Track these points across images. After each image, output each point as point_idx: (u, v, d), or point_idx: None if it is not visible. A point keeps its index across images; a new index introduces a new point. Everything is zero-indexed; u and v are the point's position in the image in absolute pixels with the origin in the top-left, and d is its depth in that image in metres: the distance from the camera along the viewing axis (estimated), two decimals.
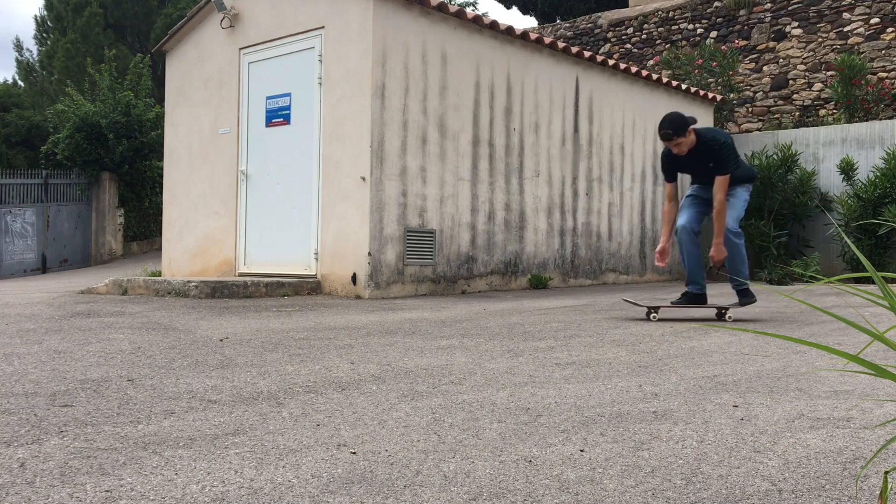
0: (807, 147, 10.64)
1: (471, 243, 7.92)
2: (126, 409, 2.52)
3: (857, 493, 1.74)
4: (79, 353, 3.67)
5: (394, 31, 7.16)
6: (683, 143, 5.19)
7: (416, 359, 3.58)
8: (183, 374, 3.15)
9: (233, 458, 1.98)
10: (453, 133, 7.72)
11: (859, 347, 3.92)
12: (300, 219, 7.52)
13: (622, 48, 15.09)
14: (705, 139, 5.29)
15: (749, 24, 13.43)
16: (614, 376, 3.17)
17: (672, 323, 5.16)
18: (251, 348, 3.86)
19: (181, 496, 1.70)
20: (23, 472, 1.85)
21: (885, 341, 1.18)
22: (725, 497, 1.71)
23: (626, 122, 9.93)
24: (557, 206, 8.94)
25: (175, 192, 8.94)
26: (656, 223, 10.45)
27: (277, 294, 6.87)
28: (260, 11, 7.96)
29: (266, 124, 7.90)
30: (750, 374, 3.21)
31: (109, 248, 17.01)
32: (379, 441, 2.15)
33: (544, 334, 4.51)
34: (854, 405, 2.62)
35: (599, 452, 2.05)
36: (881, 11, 12.06)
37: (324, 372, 3.21)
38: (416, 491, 1.74)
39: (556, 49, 8.79)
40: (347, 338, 4.30)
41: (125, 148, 16.50)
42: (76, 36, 23.88)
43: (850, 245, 1.30)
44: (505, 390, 2.86)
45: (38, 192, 16.35)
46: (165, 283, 6.83)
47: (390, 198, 7.13)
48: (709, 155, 5.28)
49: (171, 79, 9.06)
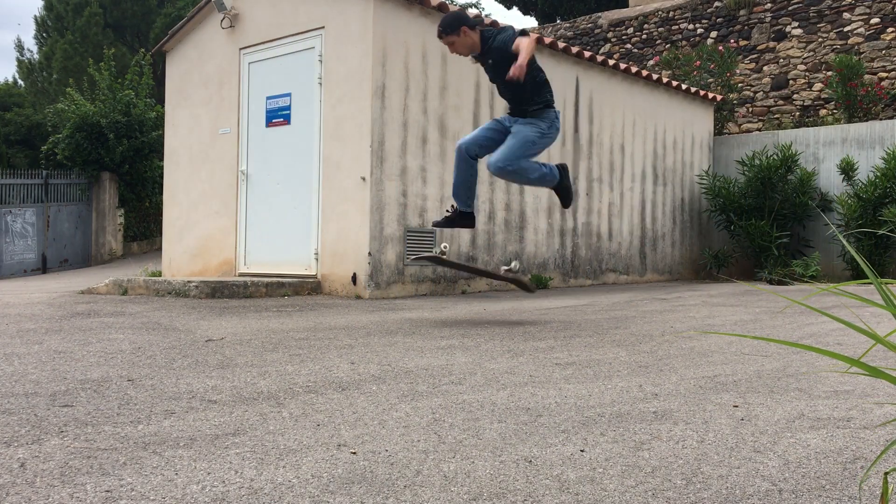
0: (807, 147, 10.65)
1: (471, 243, 7.92)
2: (126, 409, 2.52)
3: (860, 494, 1.74)
4: (79, 353, 3.67)
5: (394, 31, 7.16)
6: (458, 44, 4.80)
7: (416, 359, 3.58)
8: (183, 374, 3.15)
9: (233, 458, 1.98)
10: (453, 133, 7.72)
11: (859, 347, 3.92)
12: (300, 219, 7.52)
13: (622, 48, 15.09)
14: (487, 36, 4.80)
15: (749, 24, 13.43)
16: (614, 376, 3.17)
17: (672, 323, 5.16)
18: (251, 348, 3.86)
19: (181, 496, 1.70)
20: (23, 472, 1.85)
21: (886, 344, 1.18)
22: (726, 497, 1.71)
23: (626, 123, 9.92)
24: (557, 206, 8.94)
25: (175, 192, 8.94)
26: (657, 223, 10.45)
27: (277, 294, 6.87)
28: (260, 11, 7.96)
29: (266, 124, 7.90)
30: (750, 374, 3.21)
31: (109, 249, 17.01)
32: (379, 441, 2.15)
33: (544, 334, 4.51)
34: (854, 405, 2.62)
35: (600, 452, 2.05)
36: (881, 11, 12.06)
37: (324, 372, 3.21)
38: (417, 491, 1.74)
39: (557, 49, 8.79)
40: (347, 338, 4.30)
41: (125, 148, 16.50)
42: (76, 36, 23.89)
43: (850, 249, 1.30)
44: (505, 390, 2.86)
45: (38, 192, 16.35)
46: (165, 284, 6.83)
47: (390, 198, 7.13)
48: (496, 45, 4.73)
49: (172, 79, 9.05)
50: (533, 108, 4.86)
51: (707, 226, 11.37)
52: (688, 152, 11.03)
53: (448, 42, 4.83)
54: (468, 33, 4.79)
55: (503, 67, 4.67)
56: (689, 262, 11.11)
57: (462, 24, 4.78)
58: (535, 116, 4.89)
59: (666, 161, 10.59)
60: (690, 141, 11.07)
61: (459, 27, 4.78)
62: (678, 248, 10.89)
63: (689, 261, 11.09)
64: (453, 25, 4.78)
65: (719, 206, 10.58)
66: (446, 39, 4.82)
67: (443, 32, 4.80)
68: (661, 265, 10.56)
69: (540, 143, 4.89)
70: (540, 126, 4.88)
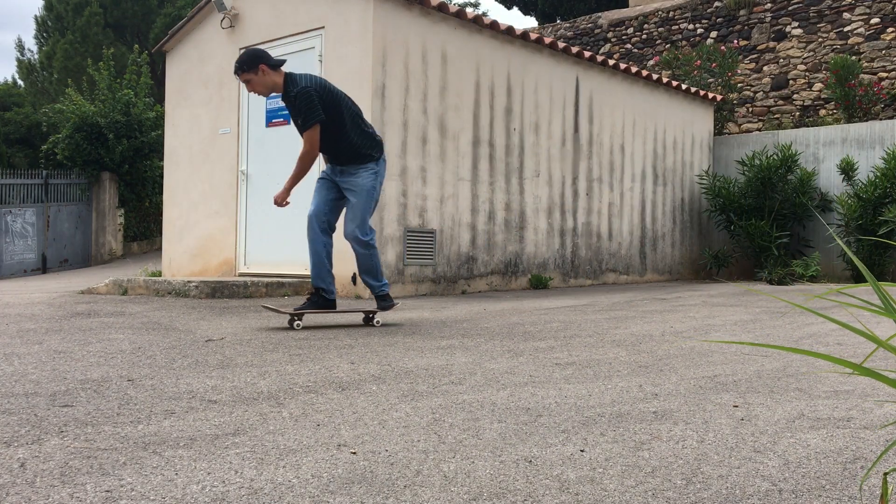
0: (807, 147, 10.65)
1: (471, 243, 7.92)
2: (126, 409, 2.52)
3: (861, 495, 1.74)
4: (79, 353, 3.67)
5: (394, 31, 7.16)
6: (255, 83, 4.58)
7: (416, 359, 3.58)
8: (183, 374, 3.15)
9: (233, 458, 1.98)
10: (453, 133, 7.72)
11: (860, 346, 3.92)
12: (300, 219, 7.51)
13: (622, 48, 15.09)
14: (289, 84, 4.59)
15: (749, 24, 13.43)
16: (614, 376, 3.17)
17: (672, 323, 5.16)
18: (251, 348, 3.86)
19: (181, 496, 1.70)
20: (23, 472, 1.85)
21: (888, 347, 1.18)
22: (726, 497, 1.71)
23: (627, 122, 9.93)
24: (557, 206, 8.94)
25: (175, 192, 8.94)
26: (657, 223, 10.45)
27: (278, 294, 6.87)
28: (260, 11, 7.96)
29: (266, 124, 7.90)
30: (750, 374, 3.21)
31: (109, 249, 17.01)
32: (379, 441, 2.15)
33: (544, 334, 4.51)
34: (854, 405, 2.62)
35: (600, 452, 2.05)
36: (881, 11, 12.06)
37: (324, 372, 3.21)
38: (417, 491, 1.74)
39: (557, 49, 8.79)
40: (347, 338, 4.30)
41: (125, 148, 16.50)
42: (76, 36, 23.89)
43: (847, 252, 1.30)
44: (505, 390, 2.86)
45: (38, 192, 16.35)
46: (165, 284, 6.83)
47: (390, 198, 7.13)
48: (294, 107, 4.57)
49: (171, 79, 9.05)
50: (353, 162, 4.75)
51: (707, 226, 11.37)
52: (688, 152, 11.03)
53: (245, 80, 4.61)
54: (268, 72, 4.58)
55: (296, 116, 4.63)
56: (689, 262, 11.11)
57: (260, 61, 4.57)
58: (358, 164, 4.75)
59: (666, 161, 10.59)
60: (690, 141, 11.07)
61: (257, 65, 4.56)
62: (678, 248, 10.89)
63: (689, 261, 11.10)
64: (250, 63, 4.56)
65: (719, 206, 10.58)
66: (243, 77, 4.60)
67: (238, 69, 4.59)
68: (661, 265, 10.56)
69: (379, 183, 4.80)
70: (369, 167, 4.77)
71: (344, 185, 4.77)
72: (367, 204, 4.75)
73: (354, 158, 4.74)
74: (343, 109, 4.67)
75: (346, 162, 4.76)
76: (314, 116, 4.53)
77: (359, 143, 4.72)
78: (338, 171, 4.80)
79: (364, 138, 4.75)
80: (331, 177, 4.82)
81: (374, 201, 4.81)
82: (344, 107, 4.69)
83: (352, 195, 4.74)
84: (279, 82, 4.62)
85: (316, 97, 4.54)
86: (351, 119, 4.70)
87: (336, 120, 4.64)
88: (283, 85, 4.62)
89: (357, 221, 4.73)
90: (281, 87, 4.63)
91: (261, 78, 4.59)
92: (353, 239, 4.76)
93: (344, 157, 4.74)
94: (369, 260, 4.82)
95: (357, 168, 4.75)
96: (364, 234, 4.74)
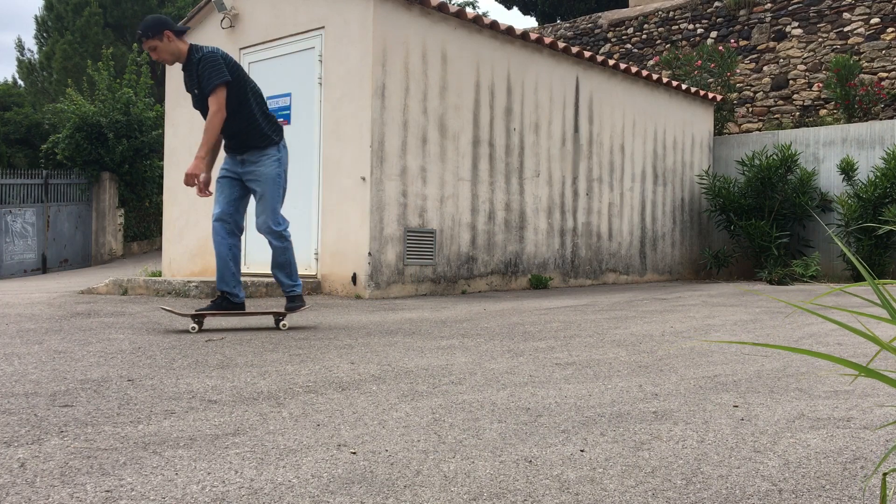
0: (807, 147, 10.65)
1: (471, 243, 7.92)
2: (126, 409, 2.52)
3: (862, 496, 1.74)
4: (79, 353, 3.67)
5: (394, 31, 7.16)
6: (161, 49, 4.48)
7: (416, 359, 3.58)
8: (183, 374, 3.15)
9: (233, 458, 1.98)
10: (453, 133, 7.72)
11: (860, 346, 3.93)
12: (300, 219, 7.52)
13: (622, 48, 15.09)
14: (192, 52, 4.53)
15: (749, 24, 13.43)
16: (614, 376, 3.17)
17: (672, 323, 5.16)
18: (251, 348, 3.86)
19: (181, 496, 1.70)
20: (23, 472, 1.85)
21: (889, 349, 1.18)
22: (726, 497, 1.71)
23: (627, 122, 9.93)
24: (557, 206, 8.94)
25: (175, 192, 8.94)
26: (657, 223, 10.45)
27: (277, 294, 6.87)
28: (260, 11, 7.96)
29: None
30: (750, 374, 3.21)
31: (109, 249, 17.01)
32: (379, 441, 2.15)
33: (544, 334, 4.51)
34: (854, 405, 2.62)
35: (600, 452, 2.05)
36: (881, 11, 12.06)
37: (324, 372, 3.21)
38: (417, 491, 1.74)
39: (557, 49, 8.79)
40: (347, 338, 4.30)
41: (125, 148, 16.50)
42: (76, 36, 23.89)
43: (846, 251, 1.30)
44: (505, 390, 2.86)
45: (38, 192, 16.35)
46: (165, 284, 6.83)
47: (390, 198, 7.13)
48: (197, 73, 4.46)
49: (172, 78, 9.05)
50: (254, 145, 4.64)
51: (707, 226, 11.37)
52: (688, 152, 11.03)
53: (150, 47, 4.51)
54: (173, 39, 4.52)
55: (204, 104, 4.52)
56: (689, 262, 11.11)
57: (165, 27, 4.50)
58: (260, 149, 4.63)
59: (666, 161, 10.60)
60: (690, 141, 11.07)
61: (162, 31, 4.49)
62: (678, 248, 10.89)
63: (689, 261, 11.10)
64: (155, 29, 4.48)
65: (719, 206, 10.58)
66: (147, 44, 4.50)
67: (142, 35, 4.49)
68: (661, 265, 10.56)
69: (283, 170, 4.69)
70: (271, 154, 4.67)
71: (248, 178, 4.66)
72: (276, 193, 4.64)
73: (257, 140, 4.62)
74: (248, 86, 4.62)
75: (248, 147, 4.64)
76: (220, 76, 4.43)
77: (262, 123, 4.64)
78: (238, 162, 4.70)
79: (267, 120, 4.66)
80: (232, 170, 4.70)
81: (282, 189, 4.70)
82: (248, 84, 4.64)
83: (258, 185, 4.63)
84: (184, 50, 4.56)
85: (222, 61, 4.47)
86: (255, 97, 4.61)
87: (241, 95, 4.57)
88: (188, 53, 4.56)
89: (268, 212, 4.63)
90: (185, 55, 4.57)
91: (166, 45, 4.51)
92: (266, 231, 4.65)
93: (246, 137, 4.63)
94: (284, 254, 4.71)
95: (259, 156, 4.64)
96: (277, 224, 4.65)
